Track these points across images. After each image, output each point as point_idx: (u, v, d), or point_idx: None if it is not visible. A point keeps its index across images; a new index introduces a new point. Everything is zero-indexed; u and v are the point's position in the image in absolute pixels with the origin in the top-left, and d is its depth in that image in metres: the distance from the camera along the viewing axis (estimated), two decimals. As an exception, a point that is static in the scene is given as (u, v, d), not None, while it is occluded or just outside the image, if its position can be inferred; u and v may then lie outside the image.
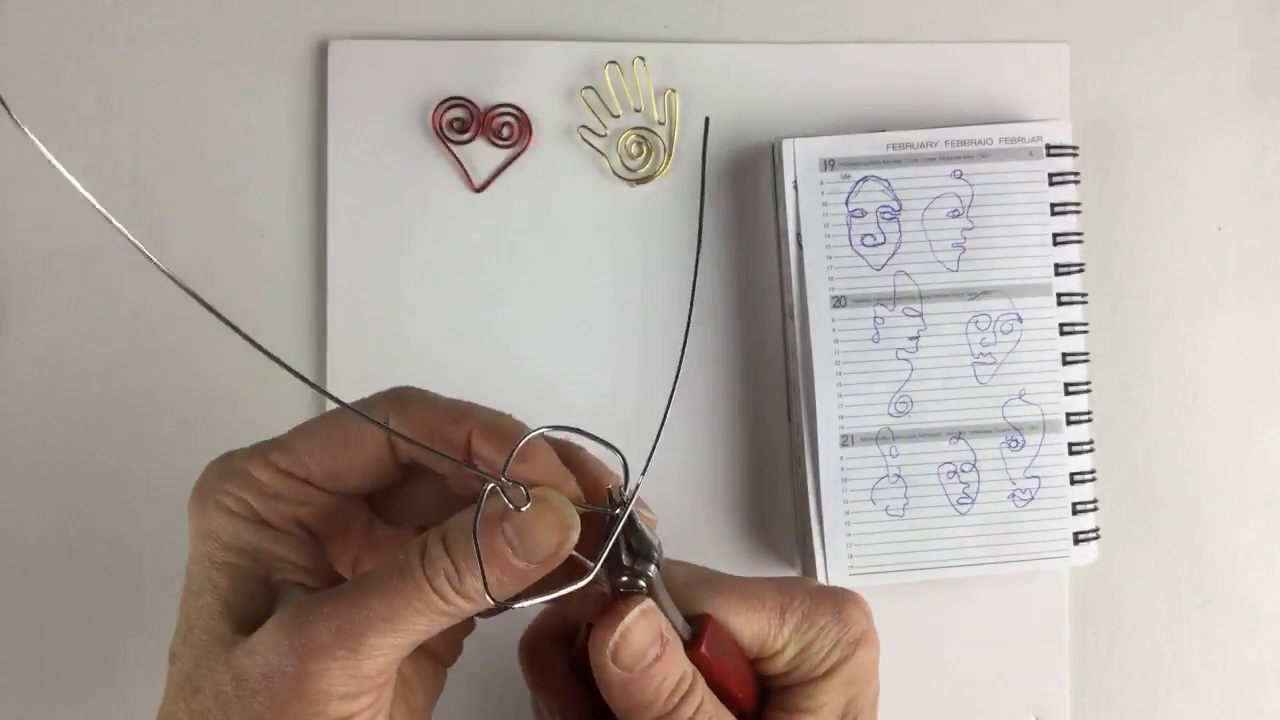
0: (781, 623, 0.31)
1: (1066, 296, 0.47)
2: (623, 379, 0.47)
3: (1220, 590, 0.49)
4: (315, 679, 0.26)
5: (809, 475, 0.46)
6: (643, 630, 0.28)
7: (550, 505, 0.27)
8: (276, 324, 0.47)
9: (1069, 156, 0.47)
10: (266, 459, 0.30)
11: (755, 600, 0.31)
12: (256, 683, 0.26)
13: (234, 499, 0.29)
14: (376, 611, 0.26)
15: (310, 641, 0.26)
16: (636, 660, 0.28)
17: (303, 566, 0.30)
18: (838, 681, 0.32)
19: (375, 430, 0.30)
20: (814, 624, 0.32)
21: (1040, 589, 0.48)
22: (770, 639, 0.31)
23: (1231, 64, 0.50)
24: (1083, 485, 0.47)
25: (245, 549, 0.29)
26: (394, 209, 0.47)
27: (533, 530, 0.27)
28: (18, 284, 0.47)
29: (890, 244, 0.46)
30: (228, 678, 0.27)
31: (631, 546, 0.29)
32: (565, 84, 0.47)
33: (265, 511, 0.30)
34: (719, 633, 0.31)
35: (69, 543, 0.47)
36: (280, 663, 0.26)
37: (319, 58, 0.47)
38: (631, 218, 0.48)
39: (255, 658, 0.27)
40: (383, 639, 0.26)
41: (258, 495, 0.30)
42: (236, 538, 0.29)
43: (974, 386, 0.46)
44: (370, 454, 0.30)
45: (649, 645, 0.29)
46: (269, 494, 0.30)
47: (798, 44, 0.48)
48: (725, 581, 0.32)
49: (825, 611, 0.32)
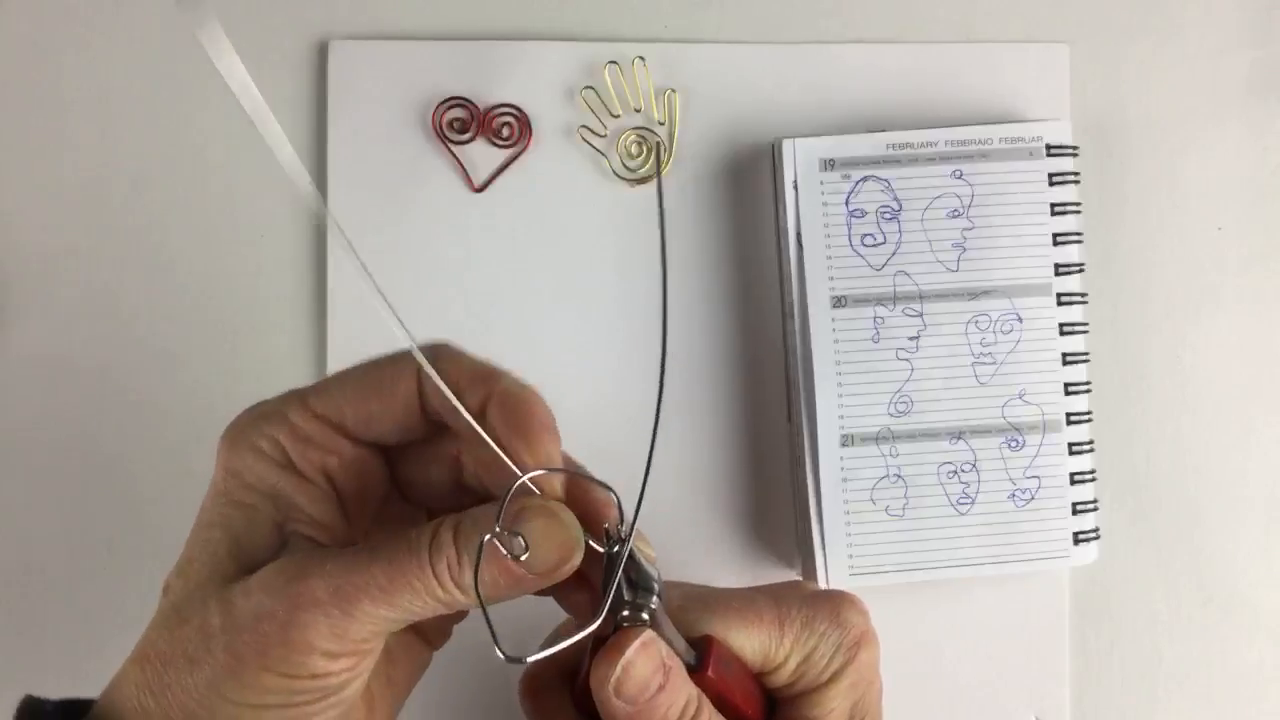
0: (781, 634, 0.32)
1: (1066, 296, 0.47)
2: (623, 379, 0.47)
3: (1220, 590, 0.49)
4: (303, 629, 0.26)
5: (809, 475, 0.46)
6: (644, 662, 0.28)
7: (561, 523, 0.28)
8: (277, 324, 0.47)
9: (1069, 156, 0.47)
10: (305, 402, 0.30)
11: (753, 615, 0.31)
12: (245, 621, 0.27)
13: (267, 440, 0.29)
14: (375, 579, 0.27)
15: (306, 592, 0.26)
16: (640, 692, 0.28)
17: (318, 521, 0.30)
18: (843, 686, 0.32)
19: (407, 378, 0.30)
20: (814, 631, 0.32)
21: (1040, 589, 0.48)
22: (772, 652, 0.32)
23: (1231, 64, 0.50)
24: (1083, 485, 0.47)
25: (268, 491, 0.29)
26: (394, 209, 0.47)
27: (540, 545, 0.27)
28: (18, 284, 0.47)
29: (890, 244, 0.46)
30: (217, 611, 0.27)
31: (631, 580, 0.29)
32: (565, 84, 0.47)
33: (295, 455, 0.29)
34: (723, 652, 0.31)
35: (69, 540, 0.47)
36: (273, 606, 0.26)
37: (319, 58, 0.47)
38: (631, 218, 0.48)
39: (250, 598, 0.27)
40: (375, 608, 0.27)
41: (291, 438, 0.29)
42: (261, 479, 0.29)
43: (974, 386, 0.46)
44: (401, 402, 0.30)
45: (651, 676, 0.28)
46: (301, 437, 0.29)
47: (798, 44, 0.48)
48: (720, 599, 0.32)
49: (823, 617, 0.32)
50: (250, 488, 0.29)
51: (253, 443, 0.29)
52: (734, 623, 0.31)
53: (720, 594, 0.32)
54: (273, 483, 0.29)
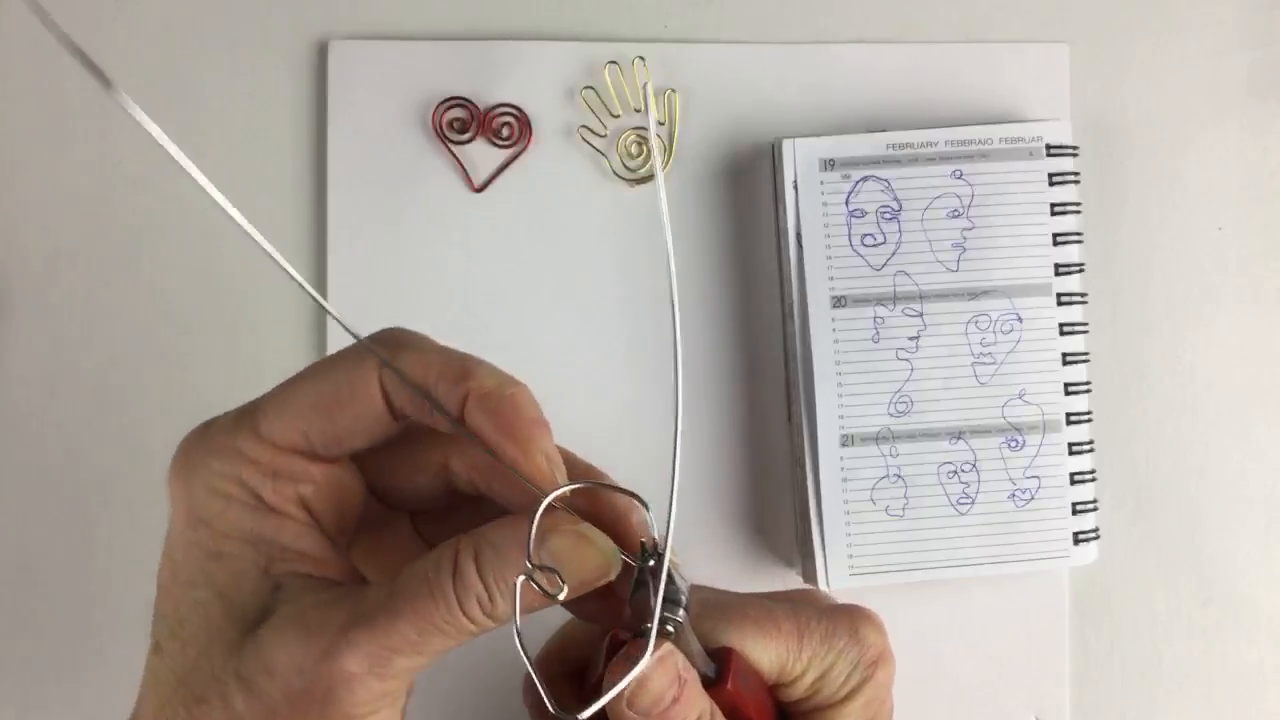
0: (800, 648, 0.31)
1: (1066, 296, 0.47)
2: (623, 379, 0.47)
3: (1220, 590, 0.49)
4: (342, 703, 0.25)
5: (809, 475, 0.46)
6: (660, 675, 0.28)
7: (592, 545, 0.27)
8: (277, 324, 0.47)
9: (1069, 156, 0.47)
10: (258, 432, 0.27)
11: (771, 627, 0.31)
12: (277, 703, 0.26)
13: (232, 481, 0.27)
14: (405, 636, 0.26)
15: (339, 670, 0.25)
16: (654, 705, 0.28)
17: (306, 554, 0.28)
18: (858, 704, 0.31)
19: (367, 381, 0.27)
20: (832, 647, 0.31)
21: (1040, 589, 0.48)
22: (789, 665, 0.31)
23: (1231, 64, 0.50)
24: (1083, 485, 0.47)
25: (246, 538, 0.27)
26: (394, 209, 0.47)
27: (573, 570, 0.26)
28: (18, 284, 0.47)
29: (890, 244, 0.46)
30: (239, 692, 0.26)
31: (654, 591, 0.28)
32: (565, 84, 0.47)
33: (265, 493, 0.27)
34: (742, 666, 0.30)
35: (69, 542, 0.47)
36: (306, 686, 0.25)
37: (319, 58, 0.47)
38: (631, 218, 0.48)
39: (275, 678, 0.26)
40: (409, 661, 0.26)
41: (256, 474, 0.27)
42: (235, 526, 0.27)
43: (974, 386, 0.46)
44: (366, 408, 0.28)
45: (666, 689, 0.28)
46: (267, 471, 0.27)
47: (798, 44, 0.48)
48: (738, 608, 0.31)
49: (842, 633, 0.31)
50: (225, 536, 0.27)
51: (215, 486, 0.27)
52: (751, 633, 0.31)
53: (738, 602, 0.32)
54: (248, 527, 0.27)
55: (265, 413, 0.28)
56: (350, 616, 0.26)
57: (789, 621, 0.31)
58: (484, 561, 0.26)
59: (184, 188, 0.47)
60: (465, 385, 0.27)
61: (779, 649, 0.31)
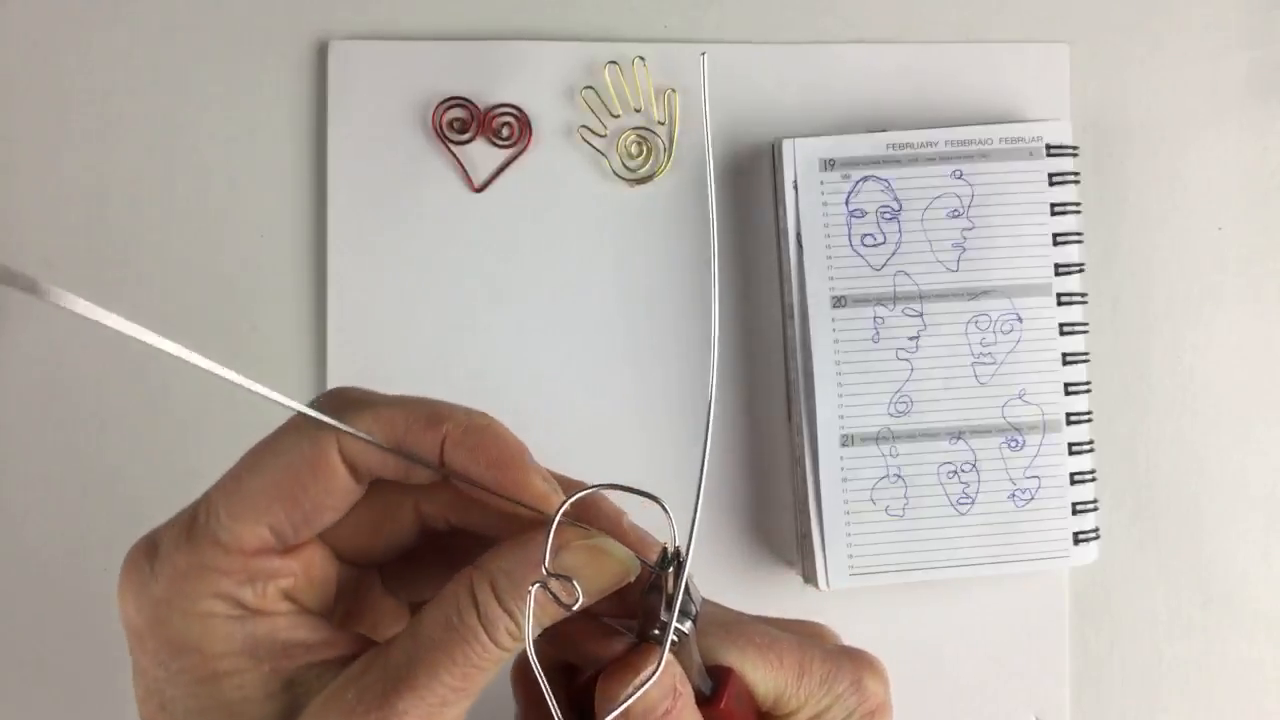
0: (799, 684, 0.31)
1: (1066, 296, 0.47)
2: (622, 379, 0.47)
3: (1220, 590, 0.49)
4: None
5: (809, 475, 0.46)
6: (657, 686, 0.27)
7: (608, 555, 0.27)
8: (277, 324, 0.47)
9: (1069, 156, 0.47)
10: (219, 542, 0.26)
11: (774, 656, 0.30)
12: None
13: (207, 599, 0.26)
14: (449, 686, 0.25)
15: None
16: (645, 714, 0.27)
17: (308, 644, 0.27)
18: None
19: (327, 455, 0.26)
20: (831, 690, 0.31)
21: (1040, 589, 0.48)
22: (785, 698, 0.31)
23: (1231, 64, 0.50)
24: (1083, 485, 0.47)
25: (244, 651, 0.26)
26: (394, 209, 0.47)
27: (592, 582, 0.26)
28: (18, 284, 0.47)
29: (890, 244, 0.46)
30: None
31: (670, 598, 0.28)
32: (565, 84, 0.47)
33: (249, 599, 0.26)
34: (739, 688, 0.30)
35: (69, 544, 0.47)
36: None
37: (319, 58, 0.47)
38: (631, 218, 0.48)
39: None
40: (460, 706, 0.26)
41: (232, 585, 0.26)
42: (226, 643, 0.26)
43: (974, 386, 0.46)
44: (332, 486, 0.26)
45: (660, 700, 0.27)
46: (243, 580, 0.26)
47: (798, 44, 0.48)
48: (743, 630, 0.31)
49: (844, 679, 0.31)
50: (220, 656, 0.26)
51: (192, 609, 0.26)
52: (753, 657, 0.30)
53: (744, 623, 0.31)
54: (241, 640, 0.26)
55: (219, 517, 0.26)
56: (388, 684, 0.25)
57: (792, 655, 0.31)
58: (501, 589, 0.26)
59: (183, 188, 0.47)
60: (439, 430, 0.27)
61: (778, 679, 0.30)
